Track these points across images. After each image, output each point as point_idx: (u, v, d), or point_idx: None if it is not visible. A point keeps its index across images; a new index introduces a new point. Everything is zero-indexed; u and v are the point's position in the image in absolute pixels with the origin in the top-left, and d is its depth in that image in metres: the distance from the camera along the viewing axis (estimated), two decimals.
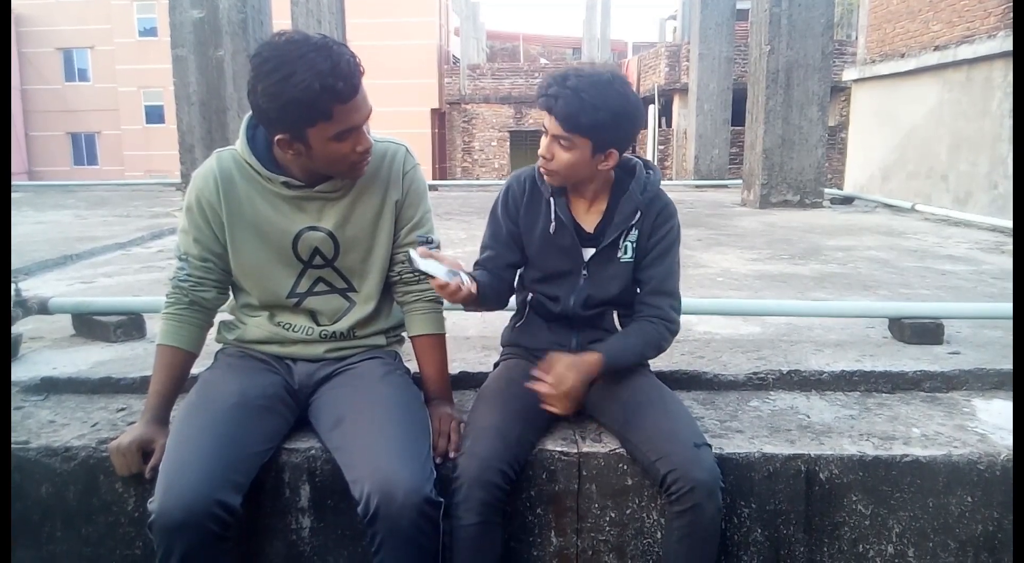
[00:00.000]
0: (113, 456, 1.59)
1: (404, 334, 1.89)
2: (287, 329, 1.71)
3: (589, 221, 1.74)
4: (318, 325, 1.72)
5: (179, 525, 1.35)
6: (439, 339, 1.79)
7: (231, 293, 1.77)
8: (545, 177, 1.68)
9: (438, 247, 1.73)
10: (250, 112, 1.58)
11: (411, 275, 1.73)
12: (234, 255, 1.66)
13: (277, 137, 1.50)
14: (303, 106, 1.43)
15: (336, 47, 1.46)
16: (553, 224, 1.71)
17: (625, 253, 1.72)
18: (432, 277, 1.50)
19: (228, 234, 1.64)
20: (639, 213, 1.70)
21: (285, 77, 1.41)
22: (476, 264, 1.80)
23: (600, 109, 1.54)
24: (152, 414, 1.62)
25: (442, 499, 1.47)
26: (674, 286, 1.75)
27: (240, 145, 1.62)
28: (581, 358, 1.65)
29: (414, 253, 1.51)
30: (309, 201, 1.63)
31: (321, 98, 1.42)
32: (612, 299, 1.74)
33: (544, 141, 1.63)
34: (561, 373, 1.61)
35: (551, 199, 1.71)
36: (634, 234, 1.71)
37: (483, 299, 1.66)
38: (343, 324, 1.72)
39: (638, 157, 1.78)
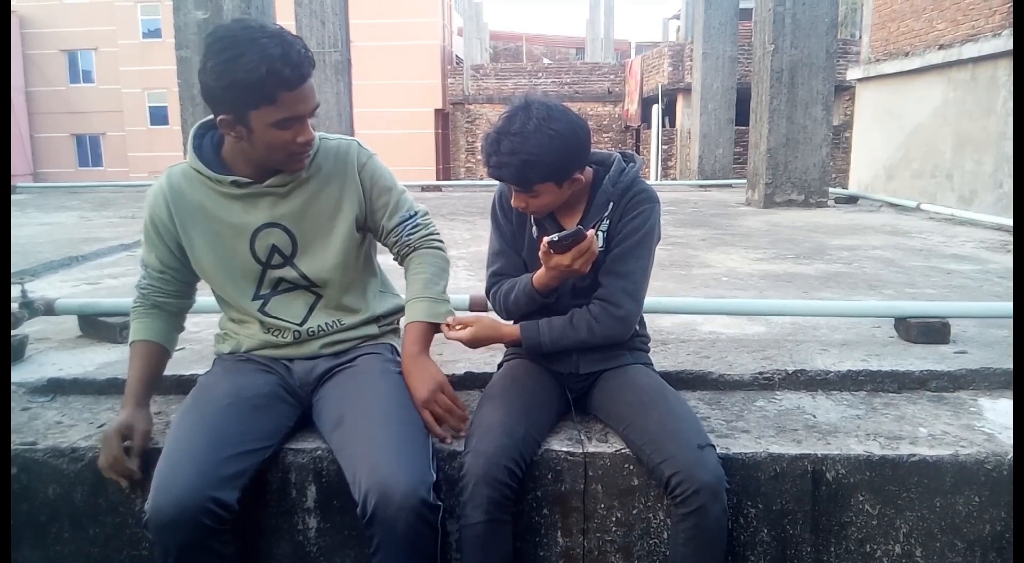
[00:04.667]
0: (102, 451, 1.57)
1: (396, 323, 1.89)
2: (275, 335, 1.72)
3: (572, 220, 1.75)
4: (292, 325, 1.72)
5: (171, 522, 1.36)
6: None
7: (218, 305, 1.79)
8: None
9: (425, 215, 1.80)
10: (199, 121, 1.63)
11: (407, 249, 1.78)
12: (196, 265, 1.69)
13: (220, 117, 1.51)
14: (248, 88, 1.44)
15: (290, 37, 1.48)
16: (535, 228, 1.75)
17: (598, 242, 1.71)
18: (577, 239, 1.55)
19: (186, 246, 1.67)
20: (611, 204, 1.71)
21: (234, 57, 1.43)
22: (493, 274, 1.81)
23: (541, 159, 1.57)
24: (130, 400, 1.64)
25: (440, 503, 1.47)
26: (629, 269, 1.70)
27: (188, 154, 1.64)
28: (498, 328, 1.74)
29: (547, 238, 1.57)
30: (261, 197, 1.64)
31: (267, 82, 1.44)
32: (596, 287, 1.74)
33: (512, 193, 1.67)
34: (474, 333, 1.71)
35: None
36: (605, 224, 1.72)
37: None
38: (315, 321, 1.73)
39: (620, 151, 1.79)
